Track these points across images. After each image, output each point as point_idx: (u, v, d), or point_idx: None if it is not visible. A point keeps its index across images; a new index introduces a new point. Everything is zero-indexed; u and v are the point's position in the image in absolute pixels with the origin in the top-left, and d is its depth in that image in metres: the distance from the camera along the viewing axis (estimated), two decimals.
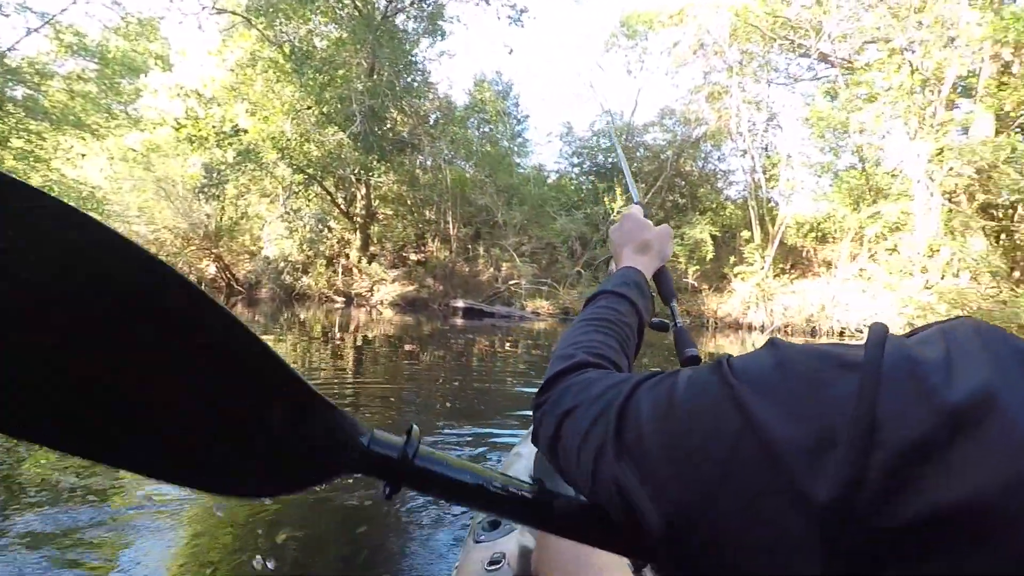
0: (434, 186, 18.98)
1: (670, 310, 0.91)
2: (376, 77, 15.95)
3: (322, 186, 17.74)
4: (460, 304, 15.94)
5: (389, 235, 19.51)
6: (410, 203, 19.92)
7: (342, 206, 18.63)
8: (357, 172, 16.95)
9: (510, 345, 9.98)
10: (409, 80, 17.11)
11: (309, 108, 15.59)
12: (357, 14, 16.31)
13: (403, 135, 17.66)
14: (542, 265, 18.17)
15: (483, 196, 18.74)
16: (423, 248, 19.61)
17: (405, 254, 19.35)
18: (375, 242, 19.19)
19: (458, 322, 13.74)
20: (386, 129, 16.81)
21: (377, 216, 19.63)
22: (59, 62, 15.64)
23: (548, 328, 13.42)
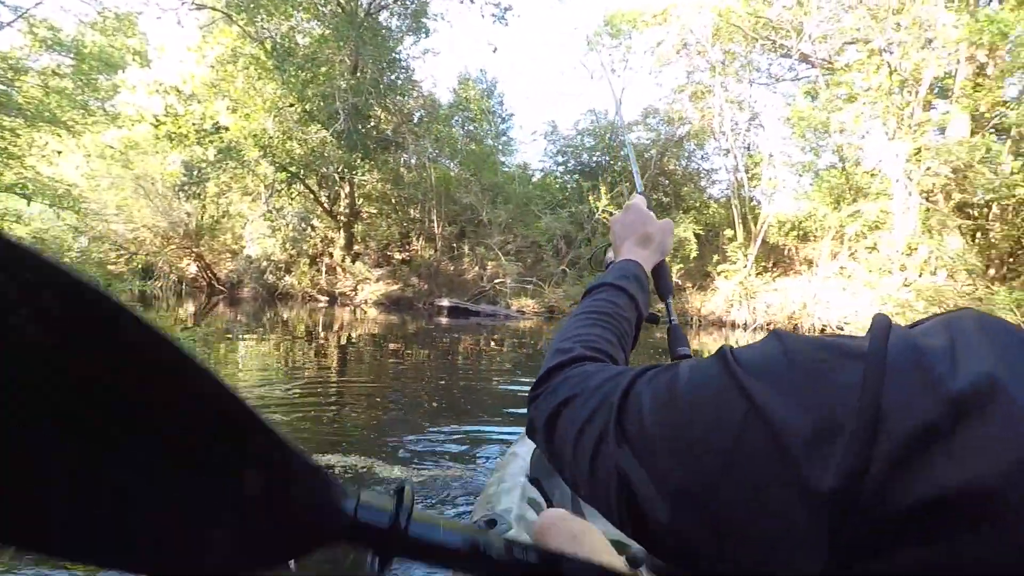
0: (418, 184, 18.87)
1: (666, 306, 0.90)
2: (359, 74, 15.83)
3: (305, 184, 17.57)
4: (445, 303, 15.89)
5: (373, 234, 19.35)
6: (394, 202, 19.79)
7: (325, 205, 18.46)
8: (341, 170, 16.82)
9: (495, 344, 9.98)
10: (393, 78, 17.00)
11: (291, 105, 15.43)
12: (340, 11, 16.17)
13: (387, 133, 17.57)
14: (527, 264, 18.14)
15: (468, 195, 18.66)
16: (408, 247, 19.48)
17: (389, 253, 19.21)
18: (359, 241, 19.04)
19: (443, 321, 13.69)
20: (370, 127, 16.69)
21: (361, 215, 19.48)
22: (33, 57, 15.29)
23: (533, 327, 13.43)
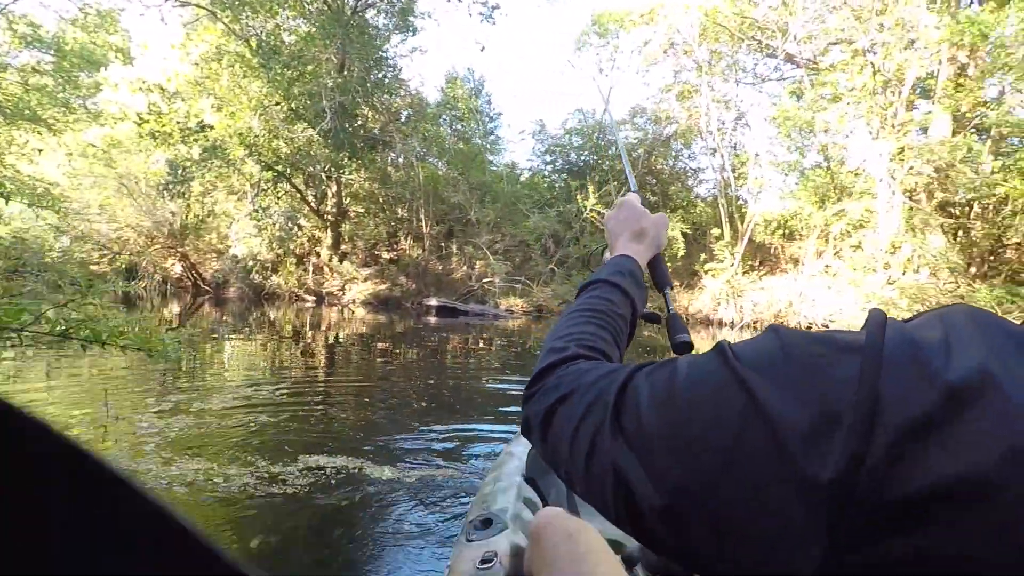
0: (406, 183, 18.80)
1: (664, 297, 0.91)
2: (346, 73, 15.74)
3: (291, 183, 17.43)
4: (433, 302, 15.83)
5: (361, 233, 19.23)
6: (382, 201, 19.70)
7: (312, 204, 18.33)
8: (328, 169, 16.71)
9: (484, 343, 9.97)
10: (380, 76, 16.88)
11: (277, 104, 15.28)
12: (326, 9, 16.04)
13: (374, 132, 17.46)
14: (515, 263, 18.13)
15: (456, 194, 18.61)
16: (395, 246, 19.39)
17: (377, 252, 19.10)
18: (346, 240, 18.92)
19: (432, 320, 13.66)
20: (357, 126, 16.58)
21: (348, 214, 19.36)
22: (12, 54, 15.03)
23: (522, 326, 13.44)
